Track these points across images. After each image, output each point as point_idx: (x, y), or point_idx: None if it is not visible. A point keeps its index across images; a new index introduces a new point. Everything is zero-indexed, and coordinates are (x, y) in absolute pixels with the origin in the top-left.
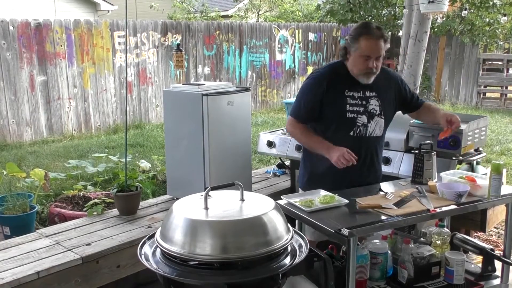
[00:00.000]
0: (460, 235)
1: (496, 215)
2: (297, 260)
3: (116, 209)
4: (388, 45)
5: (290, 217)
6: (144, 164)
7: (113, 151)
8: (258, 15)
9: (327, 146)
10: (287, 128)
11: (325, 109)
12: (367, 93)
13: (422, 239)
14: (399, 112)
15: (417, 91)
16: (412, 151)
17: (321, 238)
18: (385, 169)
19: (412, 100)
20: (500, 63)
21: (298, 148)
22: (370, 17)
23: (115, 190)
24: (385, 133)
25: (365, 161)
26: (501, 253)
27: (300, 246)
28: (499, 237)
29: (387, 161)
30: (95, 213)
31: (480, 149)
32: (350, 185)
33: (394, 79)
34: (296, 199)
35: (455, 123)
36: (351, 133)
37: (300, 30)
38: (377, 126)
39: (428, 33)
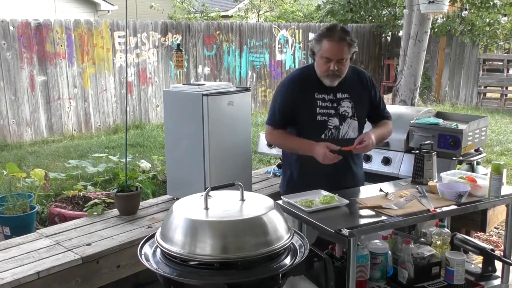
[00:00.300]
0: (460, 236)
1: (497, 216)
2: (297, 260)
3: (116, 209)
4: (355, 49)
5: None
6: (144, 164)
7: (113, 151)
8: (258, 15)
9: (308, 144)
10: (266, 137)
11: (298, 113)
12: (339, 95)
13: (422, 239)
14: (400, 112)
15: (417, 91)
16: (413, 151)
17: (312, 241)
18: (385, 169)
19: (379, 108)
20: (500, 63)
21: None
22: (370, 17)
23: (115, 190)
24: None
25: (340, 164)
26: (502, 253)
27: (300, 246)
28: (499, 237)
29: (387, 161)
30: (95, 213)
31: (480, 149)
32: (326, 190)
33: (366, 81)
34: (296, 199)
35: (363, 145)
36: (323, 136)
37: (300, 30)
38: (350, 128)
39: (428, 33)
